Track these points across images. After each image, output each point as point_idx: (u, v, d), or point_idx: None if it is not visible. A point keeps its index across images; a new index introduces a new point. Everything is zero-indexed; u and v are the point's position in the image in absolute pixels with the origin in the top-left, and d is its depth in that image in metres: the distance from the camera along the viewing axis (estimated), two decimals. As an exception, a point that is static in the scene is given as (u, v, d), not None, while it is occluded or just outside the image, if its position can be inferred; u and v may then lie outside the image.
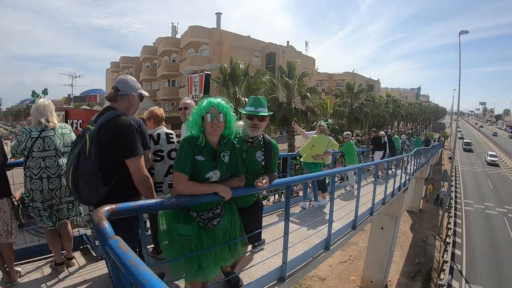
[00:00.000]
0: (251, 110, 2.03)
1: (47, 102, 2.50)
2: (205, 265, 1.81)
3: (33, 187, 2.34)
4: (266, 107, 2.11)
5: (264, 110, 2.06)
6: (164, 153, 2.70)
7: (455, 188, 20.65)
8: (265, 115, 2.05)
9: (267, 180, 1.96)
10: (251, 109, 2.04)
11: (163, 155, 2.69)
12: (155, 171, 2.67)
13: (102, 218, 1.22)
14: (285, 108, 16.08)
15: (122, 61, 34.72)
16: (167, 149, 2.72)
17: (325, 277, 9.00)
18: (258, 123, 2.04)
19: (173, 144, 2.78)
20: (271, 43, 26.54)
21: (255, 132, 2.04)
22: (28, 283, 2.40)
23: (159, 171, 2.69)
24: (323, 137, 5.01)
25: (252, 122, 2.03)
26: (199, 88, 11.57)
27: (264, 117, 2.06)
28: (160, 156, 2.67)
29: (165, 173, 2.71)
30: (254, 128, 2.03)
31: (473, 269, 10.40)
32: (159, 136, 2.70)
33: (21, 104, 69.15)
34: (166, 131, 2.77)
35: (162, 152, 2.69)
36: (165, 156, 2.71)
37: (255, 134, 2.05)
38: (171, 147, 2.75)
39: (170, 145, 2.75)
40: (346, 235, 4.05)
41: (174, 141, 2.80)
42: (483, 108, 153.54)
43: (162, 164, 2.70)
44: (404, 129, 51.67)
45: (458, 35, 14.80)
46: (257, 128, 2.04)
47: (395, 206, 7.36)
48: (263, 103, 2.08)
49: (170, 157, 2.72)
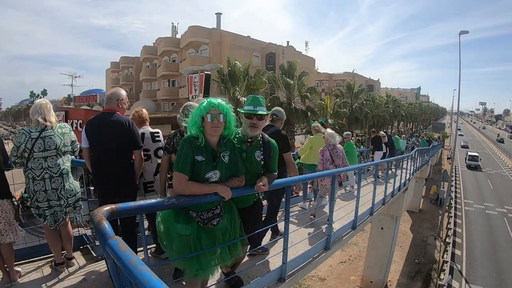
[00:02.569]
0: (250, 109, 2.03)
1: (44, 101, 2.51)
2: (204, 265, 1.81)
3: (36, 188, 2.33)
4: (265, 106, 2.10)
5: (263, 109, 2.06)
6: (151, 152, 2.73)
7: (455, 188, 20.65)
8: (264, 114, 2.05)
9: (265, 182, 1.95)
10: (250, 108, 2.04)
11: (149, 154, 2.71)
12: (143, 170, 2.68)
13: (102, 218, 1.22)
14: (285, 108, 16.07)
15: (122, 61, 34.74)
16: (153, 148, 2.75)
17: (325, 277, 9.00)
18: (257, 122, 2.03)
19: (159, 142, 2.79)
20: (271, 43, 26.55)
21: (254, 132, 2.03)
22: (28, 283, 2.40)
23: (148, 170, 2.71)
24: (320, 137, 5.04)
25: (251, 121, 2.02)
26: (199, 88, 11.57)
27: (263, 116, 2.05)
28: (146, 155, 2.69)
29: (154, 171, 2.73)
30: (253, 127, 2.02)
31: (473, 269, 10.40)
32: (144, 135, 2.71)
33: (21, 104, 69.16)
34: (151, 130, 2.79)
35: (148, 151, 2.70)
36: (152, 155, 2.73)
37: (254, 134, 2.04)
38: (157, 146, 2.76)
39: (155, 143, 2.76)
40: (346, 235, 4.05)
41: (160, 139, 2.81)
42: (483, 108, 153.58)
43: (150, 163, 2.72)
44: (404, 129, 51.69)
45: (458, 35, 14.81)
46: (256, 127, 2.04)
47: (395, 206, 7.36)
48: (261, 102, 2.08)
49: (157, 156, 2.74)
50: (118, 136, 2.38)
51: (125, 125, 2.39)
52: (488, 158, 34.65)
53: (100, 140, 2.39)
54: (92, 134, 2.42)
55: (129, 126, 2.42)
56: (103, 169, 2.41)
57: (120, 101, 2.50)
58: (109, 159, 2.39)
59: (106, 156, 2.39)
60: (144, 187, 2.72)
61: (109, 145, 2.38)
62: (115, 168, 2.39)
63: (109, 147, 2.38)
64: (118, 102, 2.49)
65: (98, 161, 2.43)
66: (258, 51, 25.93)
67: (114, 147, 2.38)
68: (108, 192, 2.42)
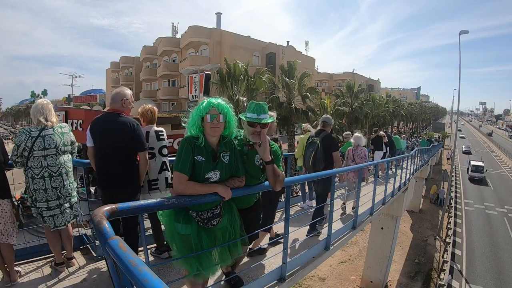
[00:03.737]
0: (253, 117, 1.90)
1: (45, 101, 2.52)
2: (205, 265, 1.81)
3: (36, 187, 2.34)
4: (268, 113, 2.00)
5: (266, 116, 1.94)
6: (155, 150, 2.76)
7: (455, 188, 20.65)
8: (268, 122, 1.95)
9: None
10: (253, 116, 1.91)
11: (154, 152, 2.75)
12: (148, 168, 2.72)
13: (102, 218, 1.22)
14: (285, 108, 16.09)
15: (122, 61, 34.70)
16: (158, 146, 2.78)
17: (325, 277, 9.00)
18: (260, 130, 1.92)
19: (164, 141, 2.83)
20: (271, 43, 26.51)
21: (256, 139, 1.92)
22: (28, 283, 2.40)
23: (152, 168, 2.74)
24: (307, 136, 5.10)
25: (254, 130, 1.90)
26: (199, 88, 11.58)
27: (267, 124, 1.94)
28: (151, 153, 2.73)
29: (159, 169, 2.76)
30: (255, 135, 1.92)
31: (473, 269, 10.40)
32: (148, 134, 2.75)
33: (21, 104, 69.17)
34: (155, 129, 2.82)
35: (153, 150, 2.75)
36: (156, 153, 2.77)
37: (256, 141, 1.93)
38: (161, 144, 2.80)
39: (160, 142, 2.80)
40: (346, 235, 4.05)
41: (164, 138, 2.85)
42: (483, 108, 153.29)
43: (154, 161, 2.75)
44: (404, 129, 51.67)
45: (458, 35, 14.82)
46: (259, 135, 1.93)
47: (395, 206, 7.36)
48: (265, 109, 1.95)
49: (162, 154, 2.79)
50: (122, 137, 2.38)
51: (129, 127, 2.40)
52: (488, 158, 34.73)
53: (104, 141, 2.40)
54: (95, 134, 2.44)
55: (134, 127, 2.42)
56: (106, 168, 2.42)
57: (125, 101, 2.50)
58: (112, 160, 2.39)
59: (110, 156, 2.40)
60: (149, 185, 2.74)
61: (113, 146, 2.39)
62: (118, 169, 2.39)
63: (113, 147, 2.39)
64: (122, 102, 2.49)
65: (102, 161, 2.44)
66: (258, 51, 25.90)
67: (118, 148, 2.39)
68: (111, 192, 2.42)
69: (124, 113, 2.49)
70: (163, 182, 2.76)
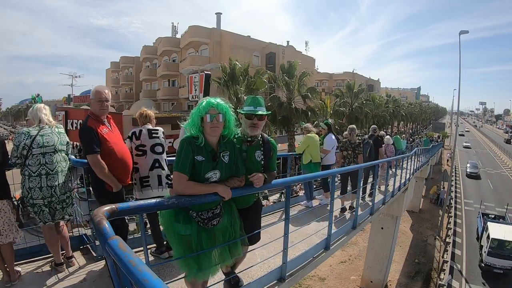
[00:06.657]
0: (250, 110, 2.04)
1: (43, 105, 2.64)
2: (204, 265, 1.81)
3: (32, 185, 2.35)
4: (264, 106, 2.12)
5: (263, 109, 2.07)
6: (147, 147, 2.81)
7: (455, 188, 20.65)
8: (264, 114, 2.06)
9: (259, 177, 1.94)
10: (250, 109, 2.04)
11: (145, 150, 2.81)
12: (139, 165, 2.78)
13: (102, 218, 1.22)
14: (285, 107, 16.07)
15: (122, 61, 34.66)
16: (150, 144, 2.83)
17: (325, 277, 9.01)
18: (257, 122, 2.04)
19: (157, 139, 2.89)
20: (271, 43, 26.49)
21: (254, 132, 2.04)
22: (28, 283, 2.40)
23: (143, 165, 2.79)
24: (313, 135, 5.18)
25: (251, 122, 2.03)
26: (199, 88, 11.58)
27: (263, 116, 2.06)
28: (142, 150, 2.79)
29: (150, 167, 2.79)
30: (253, 127, 2.04)
31: (473, 269, 10.41)
32: (141, 132, 2.84)
33: (21, 104, 69.19)
34: (148, 128, 2.89)
35: (144, 147, 2.80)
36: (148, 150, 2.82)
37: (254, 134, 2.05)
38: (154, 142, 2.86)
39: (153, 140, 2.86)
40: (346, 235, 4.05)
41: (158, 136, 2.90)
42: (483, 108, 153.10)
43: (144, 158, 2.80)
44: (404, 129, 51.66)
45: (458, 35, 14.81)
46: (256, 128, 2.05)
47: (395, 206, 7.37)
48: (261, 102, 2.09)
49: (154, 152, 2.84)
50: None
51: (80, 129, 2.48)
52: (488, 158, 34.64)
53: None
54: None
55: (80, 129, 2.47)
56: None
57: (91, 100, 2.57)
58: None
59: None
60: (140, 182, 2.77)
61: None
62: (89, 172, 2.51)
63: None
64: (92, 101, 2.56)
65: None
66: (258, 51, 25.86)
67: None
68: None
69: (90, 111, 2.56)
70: (155, 180, 2.79)
